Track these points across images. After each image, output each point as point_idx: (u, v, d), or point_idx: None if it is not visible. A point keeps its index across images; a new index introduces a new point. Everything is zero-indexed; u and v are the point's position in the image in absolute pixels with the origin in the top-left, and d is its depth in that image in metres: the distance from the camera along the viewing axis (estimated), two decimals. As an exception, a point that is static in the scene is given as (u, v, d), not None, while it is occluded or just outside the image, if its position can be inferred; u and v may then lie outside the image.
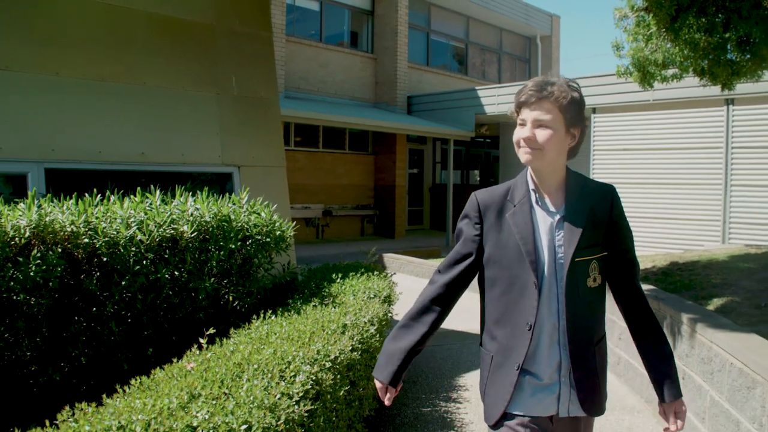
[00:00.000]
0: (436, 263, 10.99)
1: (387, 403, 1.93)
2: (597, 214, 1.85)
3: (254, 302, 3.63)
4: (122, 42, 4.75)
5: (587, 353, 1.84)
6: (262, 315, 3.25)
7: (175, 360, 2.57)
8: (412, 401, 4.26)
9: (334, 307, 3.49)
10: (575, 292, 1.81)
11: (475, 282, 1.98)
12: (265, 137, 5.52)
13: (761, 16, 8.15)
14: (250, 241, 3.58)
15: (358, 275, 4.52)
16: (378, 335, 3.48)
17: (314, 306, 3.51)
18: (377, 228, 17.15)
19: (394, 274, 6.07)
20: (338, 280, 4.29)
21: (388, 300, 4.26)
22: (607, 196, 1.89)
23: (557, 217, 1.85)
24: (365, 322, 3.28)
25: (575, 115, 1.82)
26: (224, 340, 2.86)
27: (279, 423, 1.96)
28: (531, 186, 1.89)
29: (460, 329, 6.43)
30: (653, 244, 11.87)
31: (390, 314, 4.21)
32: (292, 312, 3.38)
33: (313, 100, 15.22)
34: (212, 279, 3.30)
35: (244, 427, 1.85)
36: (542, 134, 1.78)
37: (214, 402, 2.01)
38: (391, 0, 17.08)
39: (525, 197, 1.89)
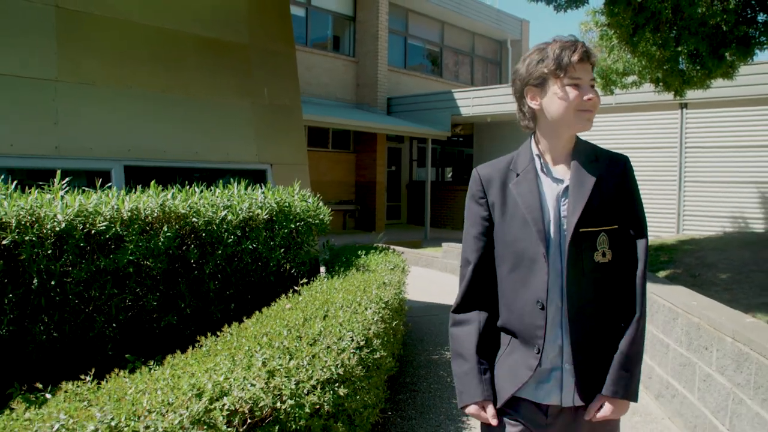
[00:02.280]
0: (423, 252, 12.07)
1: (494, 421, 1.74)
2: (607, 183, 1.71)
3: (306, 270, 4.65)
4: (177, 60, 5.70)
5: (594, 338, 1.68)
6: (317, 278, 4.28)
7: (243, 318, 3.54)
8: (421, 352, 5.32)
9: (370, 273, 4.53)
10: (579, 267, 1.67)
11: (444, 261, 2.20)
12: (290, 139, 6.53)
13: (706, 33, 9.48)
14: (302, 222, 4.59)
15: (377, 253, 5.57)
16: (404, 293, 4.54)
17: (354, 272, 4.55)
18: (358, 222, 18.15)
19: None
20: (363, 256, 5.34)
21: (403, 270, 5.32)
22: (620, 165, 1.75)
23: (563, 185, 1.72)
24: (397, 282, 4.34)
25: None
26: (295, 294, 3.88)
27: (369, 332, 3.00)
28: (536, 152, 1.78)
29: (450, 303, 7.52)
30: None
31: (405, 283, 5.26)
32: (339, 276, 4.41)
33: (299, 101, 16.11)
34: (281, 250, 4.31)
35: (350, 333, 2.88)
36: (597, 95, 1.69)
37: (323, 321, 3.03)
38: (372, 6, 18.10)
39: (530, 165, 1.77)
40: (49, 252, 3.32)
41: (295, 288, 3.76)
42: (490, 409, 1.74)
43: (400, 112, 18.29)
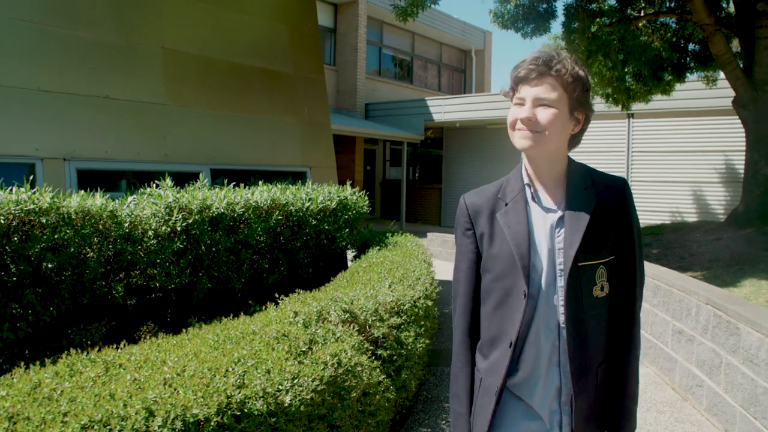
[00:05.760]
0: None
1: None
2: (605, 211, 1.61)
3: (358, 246, 6.37)
4: (244, 86, 7.33)
5: (590, 377, 1.60)
6: (368, 251, 6.00)
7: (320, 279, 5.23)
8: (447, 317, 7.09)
9: (404, 247, 6.27)
10: (579, 304, 1.57)
11: (430, 249, 2.71)
12: (323, 148, 8.21)
13: (648, 58, 11.57)
14: (354, 211, 6.30)
15: (399, 235, 7.32)
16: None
17: (392, 247, 6.28)
18: (339, 217, 19.78)
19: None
20: (391, 237, 7.08)
21: (424, 247, 7.09)
22: (618, 190, 1.65)
23: (557, 215, 1.61)
24: (425, 252, 6.10)
25: (581, 96, 1.60)
26: (359, 261, 5.58)
27: (430, 276, 4.75)
28: (526, 180, 1.67)
29: (439, 279, 9.33)
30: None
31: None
32: (383, 249, 6.13)
33: (289, 106, 17.68)
34: (347, 230, 6.02)
35: (422, 277, 4.61)
36: (544, 114, 1.55)
37: (402, 271, 4.75)
38: (351, 20, 19.78)
39: (519, 193, 1.67)
40: (209, 228, 4.95)
41: (368, 252, 5.48)
42: None
43: (378, 117, 20.00)
